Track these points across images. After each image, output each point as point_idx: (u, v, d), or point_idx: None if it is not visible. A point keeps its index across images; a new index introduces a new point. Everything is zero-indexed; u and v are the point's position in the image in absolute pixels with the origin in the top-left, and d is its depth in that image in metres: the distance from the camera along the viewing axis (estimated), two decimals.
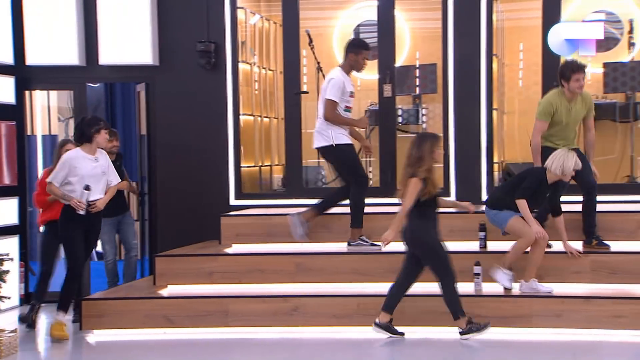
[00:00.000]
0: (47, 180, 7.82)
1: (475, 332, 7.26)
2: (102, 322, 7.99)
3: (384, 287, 7.94)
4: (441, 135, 9.18)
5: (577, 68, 7.99)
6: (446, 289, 7.25)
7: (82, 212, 7.66)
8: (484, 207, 8.21)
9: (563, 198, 7.94)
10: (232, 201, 10.05)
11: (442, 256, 7.30)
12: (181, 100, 10.21)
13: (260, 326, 7.83)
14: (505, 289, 7.71)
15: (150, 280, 8.76)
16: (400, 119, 10.97)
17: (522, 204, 7.62)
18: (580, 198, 8.05)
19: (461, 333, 7.28)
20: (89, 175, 7.70)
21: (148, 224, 10.52)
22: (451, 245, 7.59)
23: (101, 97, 12.01)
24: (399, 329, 7.47)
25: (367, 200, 8.71)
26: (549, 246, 7.83)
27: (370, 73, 10.96)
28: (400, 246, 7.67)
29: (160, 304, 8.03)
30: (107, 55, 10.16)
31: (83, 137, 7.78)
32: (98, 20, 10.16)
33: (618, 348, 7.11)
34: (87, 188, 7.65)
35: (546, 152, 7.90)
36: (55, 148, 9.01)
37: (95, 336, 7.98)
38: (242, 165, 10.23)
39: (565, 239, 7.82)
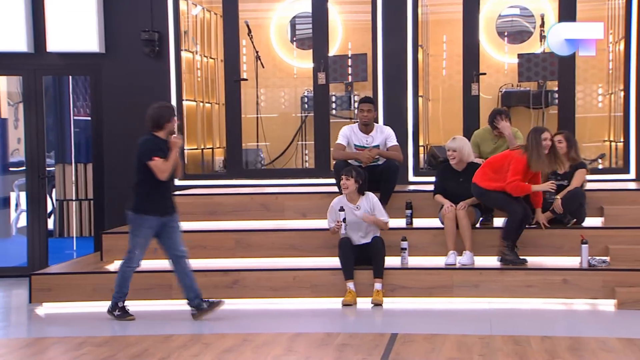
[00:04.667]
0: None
1: None
2: (50, 295, 7.88)
3: (317, 262, 8.03)
4: None
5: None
6: None
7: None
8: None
9: None
10: (176, 181, 9.93)
11: None
12: (126, 86, 10.06)
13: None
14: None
15: (97, 256, 8.64)
16: (333, 105, 10.99)
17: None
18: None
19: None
20: None
21: (93, 203, 10.38)
22: None
23: (49, 83, 11.75)
24: (334, 300, 7.54)
25: (299, 181, 8.76)
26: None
27: (305, 62, 10.97)
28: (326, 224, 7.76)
29: (107, 278, 7.91)
30: (55, 43, 9.95)
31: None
32: (45, 8, 9.93)
33: (530, 315, 7.27)
34: None
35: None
36: None
37: (44, 309, 7.86)
38: (185, 147, 10.15)
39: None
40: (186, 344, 6.32)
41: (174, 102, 9.97)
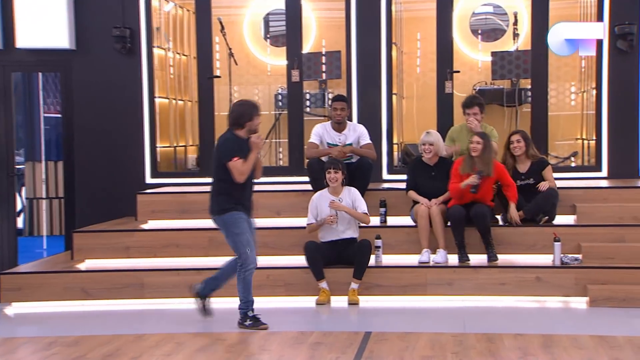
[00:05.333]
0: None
1: None
2: (20, 294, 7.81)
3: (291, 260, 8.02)
4: None
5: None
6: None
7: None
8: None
9: None
10: (148, 179, 9.94)
11: None
12: (98, 83, 10.00)
13: (175, 297, 7.76)
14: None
15: (68, 255, 8.58)
16: (307, 103, 10.98)
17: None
18: None
19: None
20: None
21: (64, 202, 10.29)
22: None
23: (19, 80, 11.63)
24: (307, 298, 7.53)
25: (273, 179, 8.71)
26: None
27: (279, 59, 10.95)
28: (303, 222, 7.75)
29: (78, 277, 7.87)
30: (25, 39, 9.86)
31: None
32: (15, 3, 9.84)
33: (503, 312, 7.32)
34: None
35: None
36: None
37: (14, 308, 7.78)
38: (158, 145, 10.11)
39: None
40: (158, 343, 6.29)
41: (145, 99, 9.93)
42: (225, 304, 7.69)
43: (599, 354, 5.78)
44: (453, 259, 7.85)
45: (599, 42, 9.49)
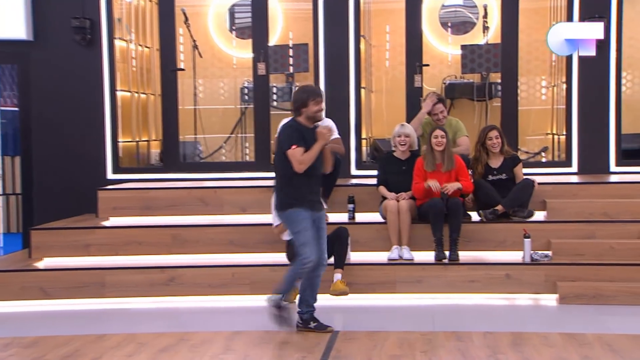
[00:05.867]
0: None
1: None
2: None
3: (257, 258, 8.01)
4: None
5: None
6: None
7: None
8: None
9: None
10: (110, 175, 9.86)
11: None
12: (57, 75, 9.90)
13: (137, 297, 7.72)
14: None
15: (25, 253, 8.48)
16: (274, 97, 10.97)
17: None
18: None
19: None
20: None
21: (22, 198, 10.18)
22: None
23: None
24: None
25: (238, 175, 8.67)
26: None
27: (244, 51, 10.92)
28: (270, 218, 7.75)
29: (36, 277, 7.79)
30: None
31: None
32: None
33: (472, 310, 7.38)
34: None
35: None
36: None
37: None
38: (120, 140, 10.03)
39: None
40: (120, 344, 6.25)
41: (107, 92, 9.84)
42: (190, 302, 7.67)
43: (568, 352, 5.85)
44: (423, 257, 7.88)
45: None
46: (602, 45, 9.38)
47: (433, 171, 7.89)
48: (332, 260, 7.58)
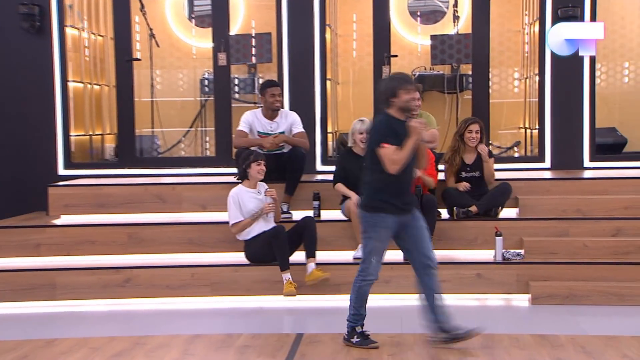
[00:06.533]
0: None
1: None
2: None
3: (218, 257, 7.98)
4: None
5: None
6: None
7: None
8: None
9: None
10: (61, 171, 9.78)
11: None
12: (3, 65, 9.81)
13: (90, 299, 7.66)
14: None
15: None
16: (236, 89, 10.94)
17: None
18: None
19: None
20: None
21: None
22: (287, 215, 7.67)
23: None
24: (235, 298, 7.52)
25: (198, 171, 8.62)
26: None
27: (204, 41, 10.87)
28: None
29: None
30: None
31: None
32: None
33: None
34: None
35: None
36: None
37: None
38: (72, 133, 9.94)
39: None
40: (71, 349, 6.20)
41: (57, 83, 9.75)
42: (146, 305, 7.63)
43: (540, 354, 5.91)
44: (391, 255, 7.89)
45: (542, 25, 9.69)
46: None
47: None
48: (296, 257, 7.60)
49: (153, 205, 8.63)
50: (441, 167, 8.42)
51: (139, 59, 10.48)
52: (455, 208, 8.17)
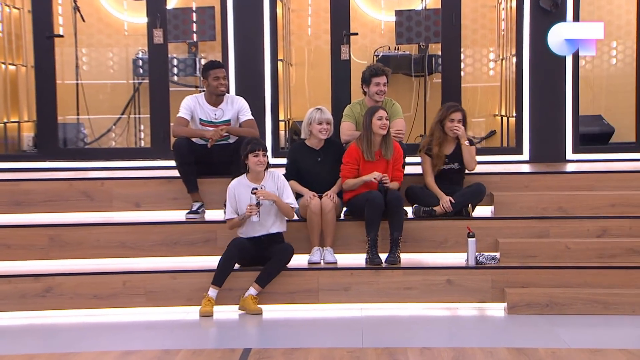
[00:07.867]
0: None
1: None
2: None
3: (155, 262, 7.96)
4: None
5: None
6: None
7: None
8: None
9: None
10: None
11: None
12: None
13: (4, 311, 7.59)
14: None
15: None
16: (175, 70, 10.90)
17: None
18: None
19: None
20: None
21: None
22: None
23: None
24: (174, 309, 7.52)
25: (131, 164, 8.59)
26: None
27: (138, 15, 10.82)
28: (173, 216, 7.70)
29: None
30: None
31: None
32: None
33: (408, 322, 7.46)
34: None
35: None
36: None
37: None
38: None
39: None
40: None
41: None
42: (71, 317, 7.58)
43: None
44: (351, 260, 7.95)
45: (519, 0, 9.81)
46: (558, 14, 9.58)
47: (370, 160, 7.91)
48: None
49: (79, 203, 8.56)
50: (411, 159, 8.45)
51: (61, 36, 10.40)
52: (416, 205, 8.22)
